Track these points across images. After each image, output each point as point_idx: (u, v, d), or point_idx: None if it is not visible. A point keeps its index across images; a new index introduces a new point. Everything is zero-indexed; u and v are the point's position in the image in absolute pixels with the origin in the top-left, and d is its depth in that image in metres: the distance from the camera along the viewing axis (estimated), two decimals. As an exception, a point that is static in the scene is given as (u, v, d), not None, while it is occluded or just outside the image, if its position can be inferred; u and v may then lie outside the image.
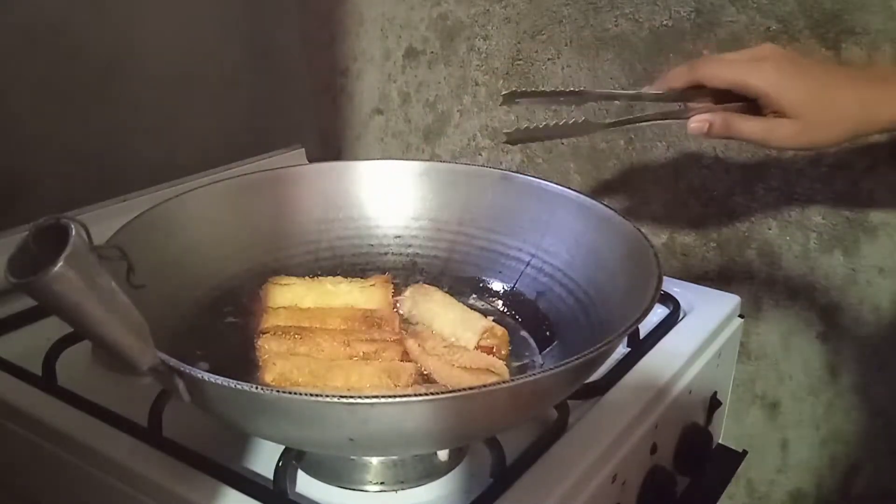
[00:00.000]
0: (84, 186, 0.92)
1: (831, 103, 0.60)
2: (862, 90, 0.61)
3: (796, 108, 0.59)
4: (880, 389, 0.94)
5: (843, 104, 0.60)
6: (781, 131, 0.60)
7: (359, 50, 1.23)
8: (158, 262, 0.63)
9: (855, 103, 0.60)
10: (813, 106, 0.59)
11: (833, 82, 0.61)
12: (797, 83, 0.60)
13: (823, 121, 0.60)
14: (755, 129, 0.61)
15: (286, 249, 0.76)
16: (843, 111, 0.60)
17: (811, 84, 0.60)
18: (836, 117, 0.60)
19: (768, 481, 1.06)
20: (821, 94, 0.60)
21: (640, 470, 0.69)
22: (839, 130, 0.60)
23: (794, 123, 0.60)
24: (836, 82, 0.61)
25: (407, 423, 0.48)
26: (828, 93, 0.60)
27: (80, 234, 0.41)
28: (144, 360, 0.47)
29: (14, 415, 0.66)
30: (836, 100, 0.60)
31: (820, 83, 0.61)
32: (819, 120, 0.60)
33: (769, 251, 0.96)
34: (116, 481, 0.60)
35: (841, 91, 0.61)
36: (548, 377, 0.49)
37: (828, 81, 0.61)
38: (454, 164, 0.82)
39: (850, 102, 0.60)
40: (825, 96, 0.60)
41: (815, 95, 0.60)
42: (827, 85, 0.61)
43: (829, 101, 0.60)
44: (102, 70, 0.94)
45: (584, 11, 1.02)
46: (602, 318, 0.64)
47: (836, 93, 0.60)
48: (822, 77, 0.62)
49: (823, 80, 0.61)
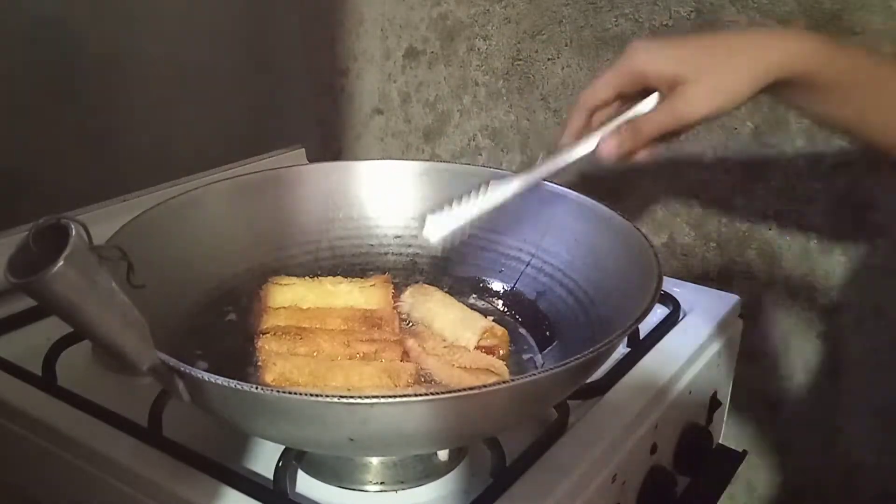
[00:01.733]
0: (84, 186, 0.91)
1: (726, 50, 0.56)
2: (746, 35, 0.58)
3: (691, 69, 0.55)
4: (880, 389, 0.94)
5: (736, 48, 0.56)
6: (686, 103, 0.55)
7: (359, 50, 1.23)
8: (158, 262, 0.63)
9: (745, 45, 0.56)
10: (708, 59, 0.55)
11: (715, 37, 0.58)
12: (683, 49, 0.56)
13: (724, 69, 0.55)
14: (662, 117, 0.56)
15: (286, 249, 0.76)
16: (737, 56, 0.55)
17: (697, 43, 0.57)
18: (733, 63, 0.55)
19: (769, 482, 1.06)
20: (711, 46, 0.56)
21: (640, 470, 0.69)
22: (742, 75, 0.55)
23: (696, 85, 0.54)
24: (717, 36, 0.58)
25: (407, 423, 0.48)
26: (717, 43, 0.57)
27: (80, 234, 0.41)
28: (144, 360, 0.47)
29: (14, 415, 0.66)
30: (729, 45, 0.56)
31: (704, 41, 0.57)
32: (719, 70, 0.55)
33: (769, 251, 0.96)
34: (116, 481, 0.60)
35: (727, 38, 0.57)
36: (548, 377, 0.49)
37: (710, 38, 0.58)
38: (454, 164, 0.82)
39: (741, 44, 0.56)
40: (716, 47, 0.56)
41: (706, 50, 0.56)
42: (711, 39, 0.57)
43: (721, 49, 0.56)
44: (102, 70, 0.94)
45: (584, 11, 1.02)
46: (602, 317, 0.64)
47: (724, 40, 0.57)
48: (701, 37, 0.58)
49: (704, 38, 0.58)
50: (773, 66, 0.54)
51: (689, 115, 0.54)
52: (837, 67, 0.55)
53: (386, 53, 1.21)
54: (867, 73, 0.57)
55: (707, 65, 0.54)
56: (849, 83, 0.56)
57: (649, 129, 0.56)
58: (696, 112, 0.54)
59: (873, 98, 0.57)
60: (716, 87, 0.54)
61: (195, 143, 1.05)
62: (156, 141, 1.01)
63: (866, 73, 0.57)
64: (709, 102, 0.54)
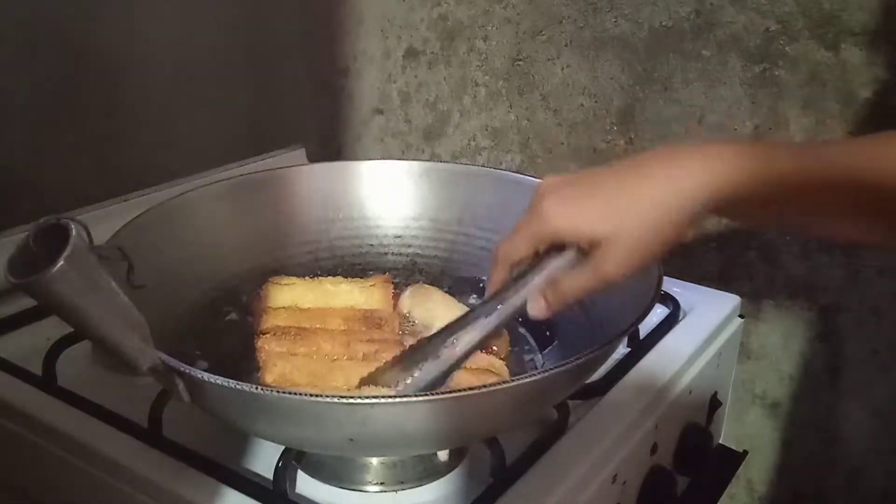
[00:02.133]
0: (84, 186, 0.91)
1: (641, 199, 0.50)
2: (660, 172, 0.51)
3: (608, 228, 0.50)
4: (880, 390, 0.94)
5: (652, 193, 0.50)
6: (606, 266, 0.51)
7: (359, 50, 1.23)
8: (158, 262, 0.63)
9: (661, 186, 0.50)
10: (625, 216, 0.50)
11: (625, 180, 0.52)
12: (596, 205, 0.51)
13: (643, 225, 0.50)
14: (582, 280, 0.52)
15: (286, 249, 0.76)
16: (655, 205, 0.50)
17: (609, 196, 0.51)
18: (652, 215, 0.50)
19: (769, 481, 1.06)
20: (626, 198, 0.50)
21: (641, 470, 0.69)
22: (664, 226, 0.50)
23: (616, 246, 0.50)
24: (629, 180, 0.52)
25: (407, 424, 0.48)
26: (631, 192, 0.50)
27: (80, 234, 0.41)
28: (144, 359, 0.47)
29: (14, 415, 0.66)
30: (643, 192, 0.50)
31: (617, 190, 0.51)
32: (638, 227, 0.50)
33: (769, 251, 0.96)
34: (116, 481, 0.60)
35: (641, 181, 0.51)
36: (548, 377, 0.49)
37: (621, 184, 0.51)
38: (454, 164, 0.82)
39: (656, 187, 0.50)
40: (631, 197, 0.50)
41: (621, 205, 0.50)
42: (623, 186, 0.51)
43: (636, 198, 0.50)
44: (102, 70, 0.94)
45: (584, 12, 1.02)
46: (602, 318, 0.64)
47: (637, 185, 0.51)
48: (612, 183, 0.52)
49: (616, 186, 0.52)
50: (693, 204, 0.49)
51: (612, 276, 0.51)
52: (767, 180, 0.50)
53: (386, 53, 1.21)
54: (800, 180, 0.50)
55: (625, 223, 0.50)
56: (785, 194, 0.50)
57: (573, 291, 0.53)
58: (620, 273, 0.51)
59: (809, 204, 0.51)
60: (637, 246, 0.50)
61: (195, 143, 1.05)
62: (156, 141, 1.01)
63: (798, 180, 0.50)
64: (632, 262, 0.50)
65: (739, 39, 0.92)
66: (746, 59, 0.92)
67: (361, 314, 0.68)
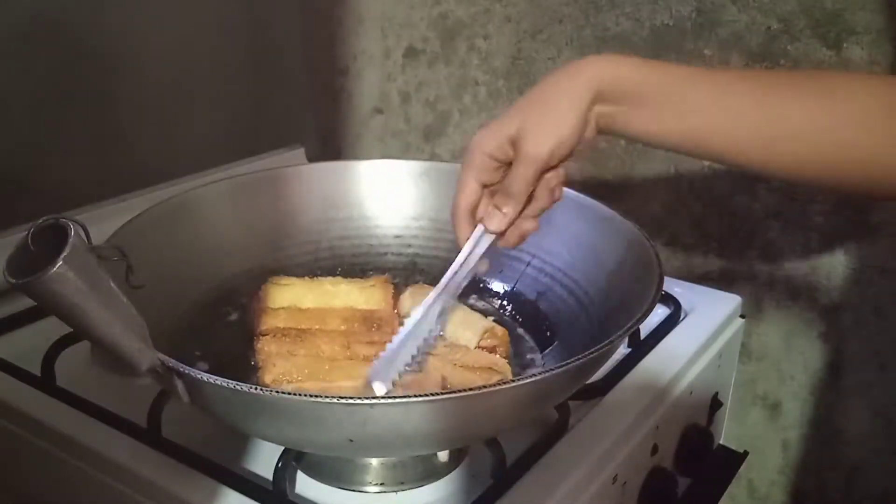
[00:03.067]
0: (84, 186, 0.91)
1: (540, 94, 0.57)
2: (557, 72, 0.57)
3: (518, 124, 0.56)
4: (882, 390, 0.94)
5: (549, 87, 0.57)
6: (525, 147, 0.56)
7: (359, 49, 1.23)
8: (158, 262, 0.63)
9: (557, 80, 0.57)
10: (528, 109, 0.56)
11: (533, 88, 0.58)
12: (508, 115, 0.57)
13: (544, 109, 0.56)
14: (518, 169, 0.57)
15: (286, 249, 0.76)
16: (551, 93, 0.56)
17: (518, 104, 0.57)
18: (550, 99, 0.56)
19: (769, 482, 1.06)
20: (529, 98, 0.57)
21: (641, 471, 0.69)
22: (563, 104, 0.56)
23: (529, 132, 0.56)
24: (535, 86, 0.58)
25: (407, 424, 0.48)
26: (533, 93, 0.57)
27: (78, 234, 0.41)
28: (143, 360, 0.47)
29: (13, 415, 0.66)
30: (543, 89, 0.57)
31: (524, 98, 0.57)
32: (540, 111, 0.56)
33: (770, 251, 0.96)
34: (115, 482, 0.60)
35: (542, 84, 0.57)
36: (549, 377, 0.49)
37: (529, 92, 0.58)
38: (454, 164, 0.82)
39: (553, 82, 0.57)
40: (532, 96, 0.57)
41: (525, 103, 0.57)
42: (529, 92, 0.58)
43: (537, 95, 0.57)
44: (102, 70, 0.94)
45: (585, 11, 1.01)
46: (603, 318, 0.64)
47: (539, 87, 0.57)
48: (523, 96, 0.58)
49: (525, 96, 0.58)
50: (588, 86, 0.55)
51: (536, 153, 0.56)
52: (654, 78, 0.55)
53: (386, 53, 1.21)
54: (685, 80, 0.56)
55: (529, 113, 0.56)
56: (670, 93, 0.55)
57: (517, 186, 0.57)
58: (537, 149, 0.56)
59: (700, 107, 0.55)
60: (543, 123, 0.56)
61: (195, 143, 1.05)
62: (155, 141, 1.01)
63: (684, 80, 0.56)
64: (545, 139, 0.56)
65: (741, 38, 0.91)
66: (748, 59, 0.92)
67: (361, 315, 0.68)
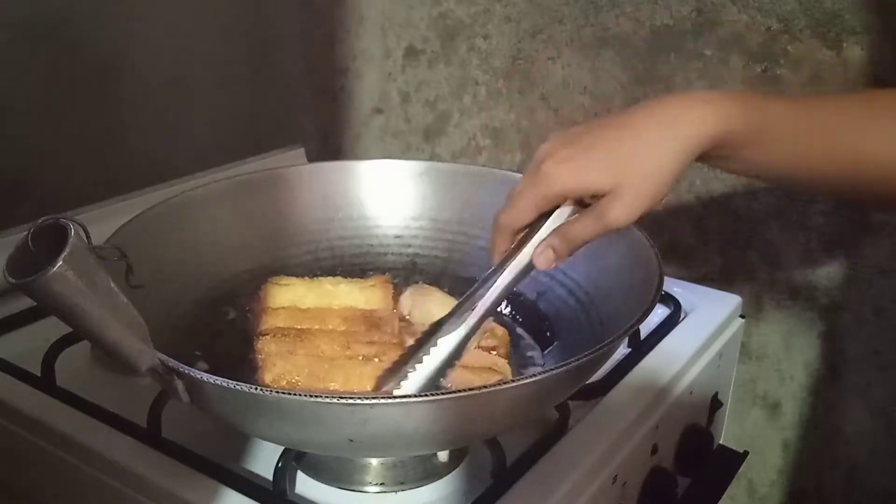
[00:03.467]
0: (84, 186, 0.91)
1: (638, 148, 0.52)
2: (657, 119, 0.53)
3: (610, 180, 0.52)
4: (881, 390, 0.94)
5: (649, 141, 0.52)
6: (612, 214, 0.52)
7: (359, 49, 1.23)
8: (158, 262, 0.63)
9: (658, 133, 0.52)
10: (624, 167, 0.52)
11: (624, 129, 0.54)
12: (595, 158, 0.53)
13: (643, 174, 0.52)
14: (589, 227, 0.54)
15: (286, 249, 0.76)
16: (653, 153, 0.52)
17: (608, 147, 0.53)
18: (651, 164, 0.52)
19: (769, 482, 1.06)
20: (624, 147, 0.53)
21: (641, 471, 0.69)
22: (663, 173, 0.52)
23: (619, 197, 0.52)
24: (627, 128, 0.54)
25: (407, 424, 0.48)
26: (629, 141, 0.53)
27: (78, 234, 0.41)
28: (143, 360, 0.47)
29: (13, 415, 0.66)
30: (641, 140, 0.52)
31: (616, 141, 0.53)
32: (638, 176, 0.52)
33: (770, 251, 0.96)
34: (115, 482, 0.60)
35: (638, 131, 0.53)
36: (549, 378, 0.49)
37: (620, 134, 0.53)
38: (454, 164, 0.82)
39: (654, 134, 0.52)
40: (629, 145, 0.52)
41: (620, 155, 0.52)
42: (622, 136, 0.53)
43: (634, 148, 0.52)
44: (102, 70, 0.94)
45: (585, 10, 1.01)
46: (603, 318, 0.64)
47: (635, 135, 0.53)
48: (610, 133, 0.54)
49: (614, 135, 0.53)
50: (692, 146, 0.52)
51: (617, 223, 0.53)
52: (762, 122, 0.52)
53: (386, 53, 1.21)
54: (796, 121, 0.53)
55: (627, 171, 0.52)
56: (778, 136, 0.53)
57: (581, 237, 0.55)
58: (624, 220, 0.53)
59: (806, 146, 0.53)
60: (640, 192, 0.52)
61: (195, 143, 1.05)
62: (155, 141, 1.01)
63: (794, 122, 0.53)
64: (637, 208, 0.52)
65: (741, 38, 0.91)
66: (748, 59, 0.92)
67: (361, 314, 0.68)
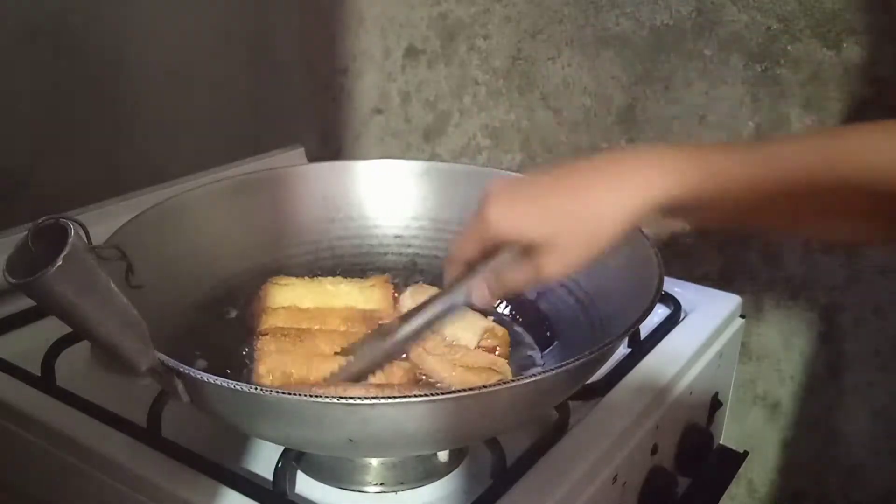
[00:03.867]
0: (84, 186, 0.91)
1: (582, 209, 0.52)
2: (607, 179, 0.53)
3: (546, 236, 0.52)
4: (881, 390, 0.94)
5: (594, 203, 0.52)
6: (545, 267, 0.53)
7: (359, 49, 1.23)
8: (158, 262, 0.63)
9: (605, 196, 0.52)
10: (563, 225, 0.52)
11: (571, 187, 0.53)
12: (535, 213, 0.53)
13: (581, 235, 0.52)
14: (522, 276, 0.54)
15: (286, 249, 0.76)
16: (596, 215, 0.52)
17: (550, 204, 0.53)
18: (590, 226, 0.52)
19: (769, 482, 1.06)
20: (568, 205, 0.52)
21: (641, 471, 0.69)
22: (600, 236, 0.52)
23: (552, 253, 0.52)
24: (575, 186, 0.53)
25: (407, 424, 0.48)
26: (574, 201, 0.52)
27: (78, 234, 0.41)
28: (143, 360, 0.46)
29: (13, 415, 0.66)
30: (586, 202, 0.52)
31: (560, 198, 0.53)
32: (575, 236, 0.52)
33: (770, 251, 0.96)
34: (115, 482, 0.60)
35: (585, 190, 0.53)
36: (549, 378, 0.49)
37: (566, 191, 0.53)
38: (454, 164, 0.82)
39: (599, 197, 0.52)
40: (573, 205, 0.52)
41: (561, 213, 0.52)
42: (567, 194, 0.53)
43: (578, 208, 0.52)
44: (102, 70, 0.94)
45: (585, 10, 1.01)
46: (603, 318, 0.64)
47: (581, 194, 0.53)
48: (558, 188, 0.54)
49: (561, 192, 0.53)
50: (636, 210, 0.51)
51: (551, 277, 0.54)
52: (715, 185, 0.50)
53: (386, 53, 1.21)
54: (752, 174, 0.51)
55: (562, 230, 0.52)
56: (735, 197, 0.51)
57: (514, 284, 0.56)
58: (556, 275, 0.54)
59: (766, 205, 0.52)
60: (574, 251, 0.52)
61: (194, 143, 1.05)
62: (155, 141, 1.01)
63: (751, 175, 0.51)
64: (567, 267, 0.53)
65: (741, 38, 0.91)
66: (748, 58, 0.92)
67: (361, 314, 0.68)
